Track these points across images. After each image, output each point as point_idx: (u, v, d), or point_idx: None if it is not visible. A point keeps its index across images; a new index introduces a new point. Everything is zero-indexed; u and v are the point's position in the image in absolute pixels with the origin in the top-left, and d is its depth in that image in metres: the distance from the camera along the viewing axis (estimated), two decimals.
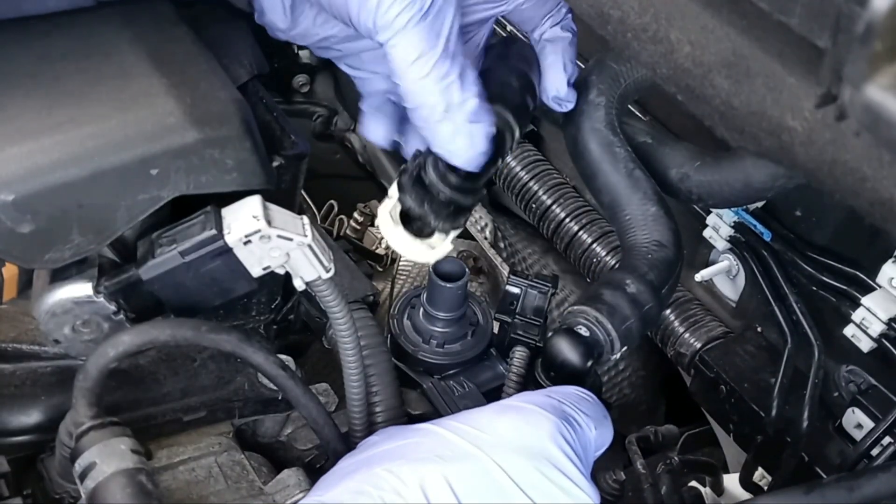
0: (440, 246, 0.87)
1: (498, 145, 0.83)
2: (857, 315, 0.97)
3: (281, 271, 0.78)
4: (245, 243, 0.75)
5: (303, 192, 1.10)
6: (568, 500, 0.69)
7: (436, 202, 0.84)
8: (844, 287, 0.99)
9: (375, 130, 0.90)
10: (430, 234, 0.86)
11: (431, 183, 0.83)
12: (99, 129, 0.74)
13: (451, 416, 0.74)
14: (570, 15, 0.87)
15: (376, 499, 0.66)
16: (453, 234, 0.87)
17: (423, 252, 0.87)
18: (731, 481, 1.17)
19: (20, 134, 0.72)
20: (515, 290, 0.93)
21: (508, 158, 1.31)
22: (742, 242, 1.09)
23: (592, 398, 0.78)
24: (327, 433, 0.82)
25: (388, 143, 0.91)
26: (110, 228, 0.75)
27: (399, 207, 0.85)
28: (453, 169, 0.82)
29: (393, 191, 0.86)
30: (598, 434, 0.75)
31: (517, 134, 0.86)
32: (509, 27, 1.18)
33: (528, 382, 0.88)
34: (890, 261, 0.94)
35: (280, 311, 0.93)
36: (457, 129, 0.78)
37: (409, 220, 0.85)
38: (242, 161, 0.77)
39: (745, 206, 1.05)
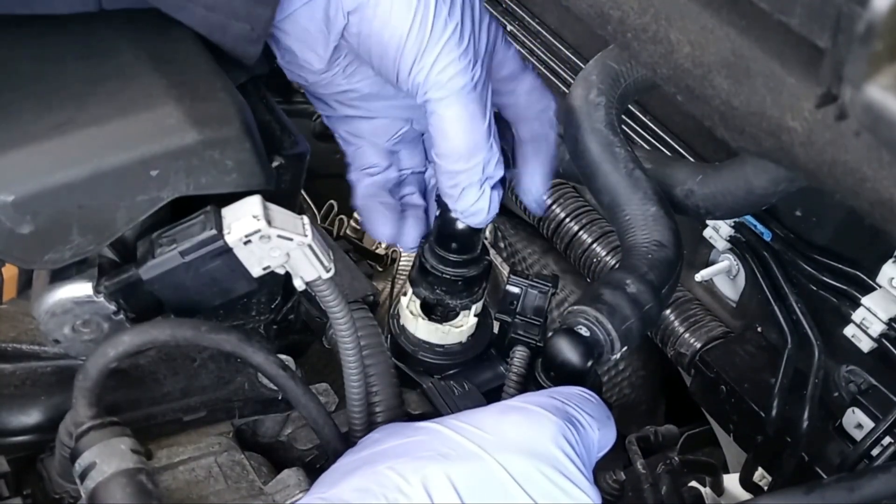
0: (466, 322, 0.94)
1: None
2: (857, 315, 0.97)
3: (281, 271, 0.78)
4: (245, 243, 0.74)
5: (303, 192, 1.10)
6: (570, 502, 0.69)
7: (445, 283, 0.90)
8: (844, 287, 0.99)
9: (382, 228, 0.92)
10: (455, 314, 0.93)
11: (434, 267, 0.89)
12: (98, 130, 0.74)
13: (453, 416, 0.74)
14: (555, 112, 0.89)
15: (380, 497, 0.66)
16: (475, 307, 0.93)
17: (452, 334, 0.94)
18: (732, 481, 1.17)
19: (20, 135, 0.72)
20: (515, 290, 0.93)
21: None
22: (742, 242, 1.09)
23: (595, 399, 0.78)
24: (327, 433, 0.82)
25: (394, 238, 0.93)
26: (110, 229, 0.75)
27: (417, 300, 0.92)
28: (447, 249, 0.88)
29: (407, 287, 0.93)
30: (602, 435, 0.75)
31: None
32: None
33: (529, 382, 0.88)
34: (890, 261, 0.94)
35: (280, 311, 0.93)
36: (483, 195, 0.82)
37: (430, 308, 0.93)
38: (242, 162, 0.77)
39: None
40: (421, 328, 0.94)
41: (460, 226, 0.87)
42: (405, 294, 0.94)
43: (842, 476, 0.77)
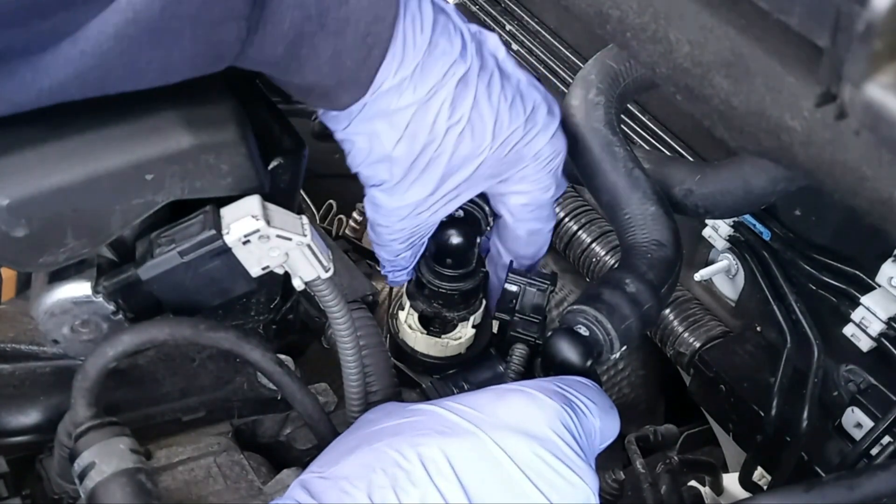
0: (464, 334, 0.94)
1: (474, 229, 0.90)
2: (856, 314, 0.97)
3: (280, 271, 0.78)
4: (244, 243, 0.74)
5: (301, 192, 1.10)
6: (564, 483, 0.68)
7: (442, 297, 0.91)
8: (844, 286, 0.99)
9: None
10: (453, 326, 0.94)
11: (430, 282, 0.90)
12: (94, 133, 0.73)
13: (450, 398, 0.74)
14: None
15: (379, 472, 0.67)
16: (473, 317, 0.94)
17: (451, 346, 0.94)
18: (731, 481, 1.17)
19: (14, 139, 0.72)
20: (514, 289, 0.93)
21: None
22: (741, 242, 1.09)
23: (597, 388, 0.77)
24: (323, 430, 0.82)
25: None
26: (105, 232, 0.75)
27: (415, 313, 0.93)
28: (443, 263, 0.89)
29: (405, 301, 0.93)
30: (604, 424, 0.74)
31: (490, 219, 0.92)
32: None
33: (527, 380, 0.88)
34: (889, 260, 0.94)
35: (279, 311, 0.93)
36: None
37: (428, 321, 0.94)
38: (237, 166, 0.77)
39: None
40: (420, 342, 0.95)
41: (455, 241, 0.88)
42: (402, 308, 0.94)
43: (841, 474, 0.77)
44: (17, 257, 0.73)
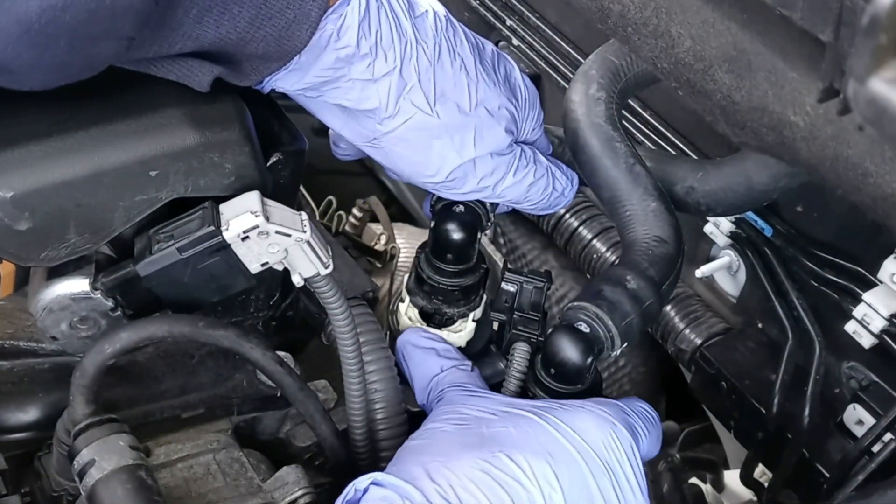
0: (464, 328, 0.94)
1: (474, 224, 0.89)
2: (858, 311, 0.96)
3: (279, 267, 0.77)
4: (243, 239, 0.74)
5: (301, 188, 1.10)
6: None
7: (442, 293, 0.91)
8: (846, 283, 0.99)
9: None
10: (452, 322, 0.93)
11: (430, 277, 0.90)
12: (99, 129, 0.73)
13: (552, 408, 0.75)
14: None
15: (501, 483, 0.68)
16: (473, 313, 0.94)
17: (451, 339, 0.94)
18: (732, 478, 1.17)
19: (20, 132, 0.72)
20: (511, 289, 0.93)
21: None
22: (743, 238, 1.08)
23: (654, 414, 0.80)
24: (323, 429, 0.82)
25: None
26: (107, 228, 0.75)
27: (415, 308, 0.92)
28: (443, 259, 0.89)
29: (405, 294, 0.93)
30: (650, 448, 0.78)
31: (490, 215, 0.92)
32: None
33: (528, 378, 0.88)
34: (892, 256, 0.94)
35: (279, 307, 0.92)
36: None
37: (428, 316, 0.93)
38: (241, 166, 0.77)
39: None
40: None
41: (455, 236, 0.87)
42: (402, 301, 0.94)
43: (852, 495, 0.77)
44: (19, 251, 0.73)
